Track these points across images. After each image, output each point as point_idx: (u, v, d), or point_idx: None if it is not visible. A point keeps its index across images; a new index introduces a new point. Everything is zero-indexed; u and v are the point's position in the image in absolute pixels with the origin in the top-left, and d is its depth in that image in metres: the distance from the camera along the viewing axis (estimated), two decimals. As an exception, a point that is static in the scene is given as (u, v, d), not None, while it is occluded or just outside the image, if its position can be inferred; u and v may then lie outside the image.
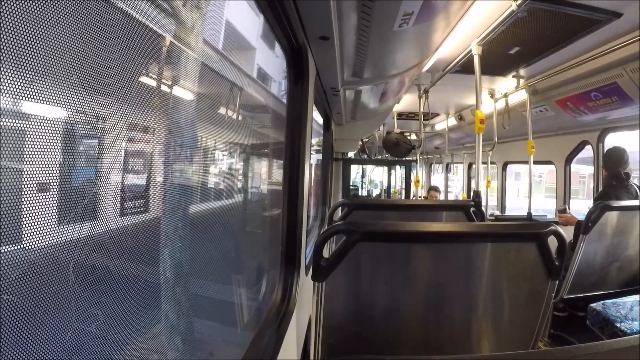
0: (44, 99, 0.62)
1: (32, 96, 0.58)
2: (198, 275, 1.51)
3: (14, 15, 0.53)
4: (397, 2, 1.74)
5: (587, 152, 5.27)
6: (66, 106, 0.69)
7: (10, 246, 0.57)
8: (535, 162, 5.35)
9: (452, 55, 3.99)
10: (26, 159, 0.60)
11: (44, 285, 0.65)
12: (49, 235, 0.67)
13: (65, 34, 0.64)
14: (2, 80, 0.54)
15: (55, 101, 0.66)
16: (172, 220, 1.25)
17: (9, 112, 0.56)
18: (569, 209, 4.51)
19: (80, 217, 0.77)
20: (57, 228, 0.69)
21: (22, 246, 0.59)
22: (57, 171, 0.68)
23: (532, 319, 1.68)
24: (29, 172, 0.60)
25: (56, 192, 0.67)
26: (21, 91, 0.57)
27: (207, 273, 1.62)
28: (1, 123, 0.56)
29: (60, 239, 0.71)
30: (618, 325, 2.76)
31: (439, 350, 1.72)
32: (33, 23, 0.57)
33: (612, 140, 4.91)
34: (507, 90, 5.23)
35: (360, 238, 1.51)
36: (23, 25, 0.55)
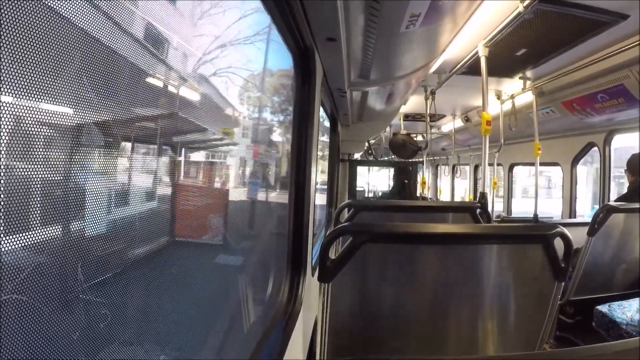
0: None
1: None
2: (206, 275, 1.52)
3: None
4: (404, 4, 1.74)
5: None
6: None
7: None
8: (541, 164, 5.35)
9: (458, 57, 4.00)
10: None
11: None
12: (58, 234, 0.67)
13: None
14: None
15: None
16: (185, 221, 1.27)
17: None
18: None
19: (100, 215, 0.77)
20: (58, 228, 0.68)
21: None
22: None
23: (538, 321, 1.68)
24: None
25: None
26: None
27: (212, 274, 1.62)
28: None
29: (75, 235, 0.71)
30: (624, 327, 2.75)
31: (444, 352, 1.72)
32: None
33: (619, 142, 4.91)
34: (514, 92, 5.23)
35: (367, 239, 1.50)
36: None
